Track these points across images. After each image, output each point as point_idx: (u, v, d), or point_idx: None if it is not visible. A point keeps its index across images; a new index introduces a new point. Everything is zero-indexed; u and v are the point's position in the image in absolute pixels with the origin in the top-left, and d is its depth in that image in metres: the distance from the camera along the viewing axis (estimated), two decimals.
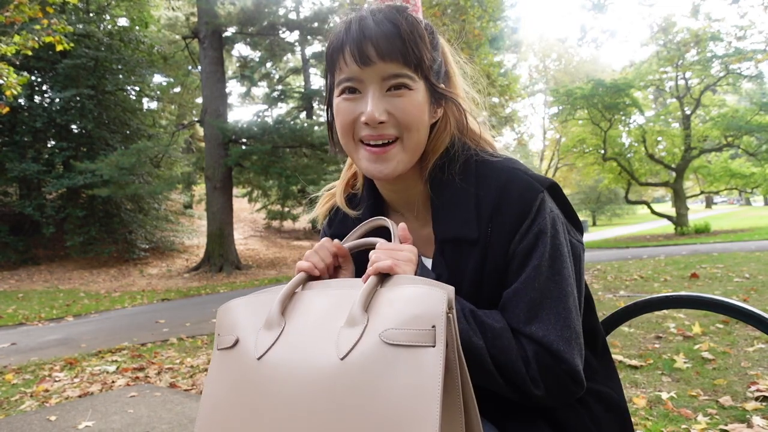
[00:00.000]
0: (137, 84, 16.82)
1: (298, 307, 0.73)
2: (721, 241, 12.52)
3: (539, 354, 0.74)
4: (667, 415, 2.32)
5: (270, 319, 0.72)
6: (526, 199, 0.78)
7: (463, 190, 0.82)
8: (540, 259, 0.76)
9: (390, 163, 0.81)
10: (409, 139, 0.81)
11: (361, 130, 0.81)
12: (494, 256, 0.79)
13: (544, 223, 0.77)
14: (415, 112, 0.80)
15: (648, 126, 16.94)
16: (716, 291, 5.32)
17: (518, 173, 0.81)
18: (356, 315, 0.66)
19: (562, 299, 0.76)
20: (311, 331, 0.68)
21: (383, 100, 0.79)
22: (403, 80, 0.79)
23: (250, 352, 0.70)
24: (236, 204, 16.65)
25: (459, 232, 0.81)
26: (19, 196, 15.31)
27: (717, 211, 35.87)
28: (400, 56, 0.77)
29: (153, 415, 2.86)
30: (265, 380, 0.67)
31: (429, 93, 0.83)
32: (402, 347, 0.60)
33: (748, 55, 14.04)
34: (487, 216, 0.79)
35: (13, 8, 6.74)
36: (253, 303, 0.77)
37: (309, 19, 16.13)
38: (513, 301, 0.77)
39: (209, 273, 13.47)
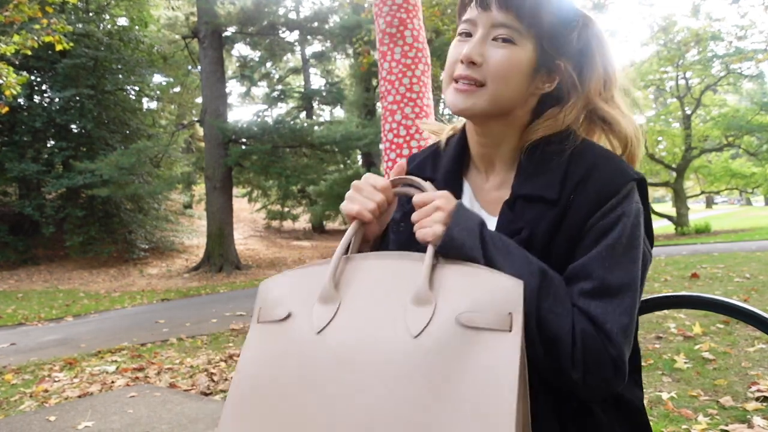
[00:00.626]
0: (137, 84, 16.81)
1: (353, 278, 0.71)
2: (721, 241, 12.52)
3: (588, 335, 0.70)
4: (668, 415, 2.32)
5: (325, 292, 0.70)
6: (617, 179, 0.77)
7: (555, 159, 0.81)
8: (616, 240, 0.74)
9: (468, 100, 0.80)
10: (495, 90, 0.79)
11: (457, 69, 0.81)
12: (571, 223, 0.77)
13: (629, 208, 0.76)
14: (508, 65, 0.78)
15: (648, 126, 16.93)
16: (717, 291, 5.32)
17: (613, 157, 0.81)
18: (422, 293, 0.66)
19: (628, 286, 0.73)
20: (373, 305, 0.67)
21: (485, 45, 0.79)
22: (509, 32, 0.78)
23: (305, 326, 0.68)
24: (236, 204, 16.65)
25: (539, 191, 0.79)
26: (19, 196, 15.31)
27: (717, 211, 35.86)
28: (514, 7, 0.77)
29: (153, 415, 2.85)
30: (327, 355, 0.65)
31: (538, 57, 0.81)
32: (479, 330, 0.61)
33: (749, 54, 14.03)
34: (572, 184, 0.78)
35: (13, 8, 6.74)
36: (300, 276, 0.75)
37: (309, 19, 16.14)
38: (579, 274, 0.74)
39: (209, 273, 13.46)
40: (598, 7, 9.38)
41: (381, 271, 0.71)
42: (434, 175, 0.92)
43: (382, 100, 4.08)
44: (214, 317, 6.61)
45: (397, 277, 0.69)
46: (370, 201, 0.80)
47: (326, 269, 0.72)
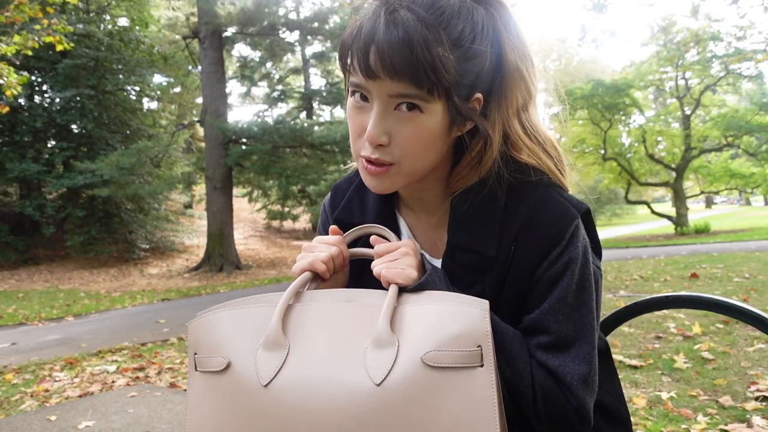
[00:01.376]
0: (137, 84, 16.82)
1: (303, 321, 0.64)
2: (721, 241, 12.52)
3: (549, 389, 0.70)
4: (667, 415, 2.32)
5: (270, 337, 0.62)
6: (561, 224, 0.72)
7: (489, 203, 0.75)
8: (566, 290, 0.71)
9: (384, 183, 0.73)
10: (408, 166, 0.72)
11: (362, 147, 0.72)
12: (516, 276, 0.73)
13: (575, 251, 0.72)
14: (421, 139, 0.69)
15: (648, 126, 16.94)
16: (716, 291, 5.32)
17: (554, 195, 0.74)
18: (383, 333, 0.59)
19: (584, 333, 0.72)
20: (327, 351, 0.60)
21: (388, 119, 0.69)
22: (413, 101, 0.67)
23: (250, 377, 0.60)
24: (236, 204, 16.65)
25: (475, 245, 0.74)
26: (19, 196, 15.31)
27: (717, 211, 35.86)
28: (409, 76, 0.65)
29: (153, 415, 2.86)
30: (277, 411, 0.58)
31: (450, 112, 0.70)
32: (448, 369, 0.57)
33: (748, 55, 14.03)
34: (512, 234, 0.73)
35: (14, 8, 6.74)
36: (237, 317, 0.66)
37: (309, 19, 16.13)
38: (534, 328, 0.72)
39: (209, 273, 13.47)
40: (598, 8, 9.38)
41: (335, 311, 0.64)
42: (364, 219, 0.84)
43: None
44: None
45: (354, 317, 0.63)
46: (322, 253, 0.74)
47: (267, 310, 0.65)
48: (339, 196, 0.91)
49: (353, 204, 0.87)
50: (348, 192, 0.89)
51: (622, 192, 19.71)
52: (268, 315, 0.65)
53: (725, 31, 15.05)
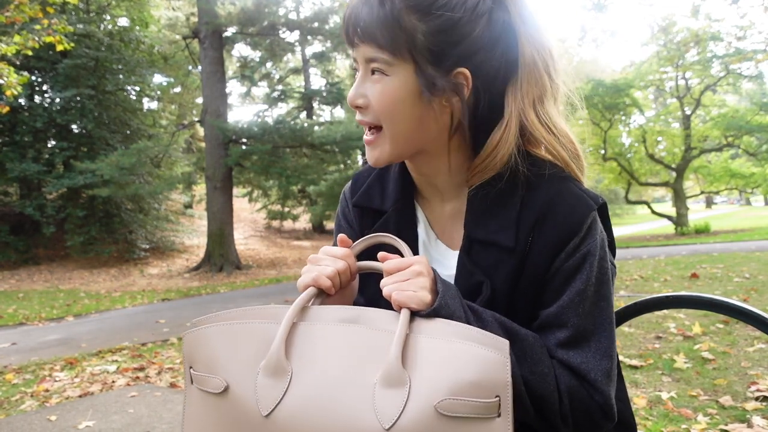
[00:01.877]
0: (137, 84, 16.82)
1: (307, 345, 0.60)
2: (721, 241, 12.52)
3: (574, 388, 0.69)
4: (667, 415, 2.32)
5: (271, 362, 0.58)
6: (578, 215, 0.71)
7: (506, 194, 0.75)
8: (585, 282, 0.70)
9: (375, 151, 0.77)
10: (389, 128, 0.74)
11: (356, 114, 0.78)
12: (534, 268, 0.72)
13: (593, 244, 0.71)
14: (386, 100, 0.72)
15: (648, 126, 16.94)
16: (716, 291, 5.32)
17: (571, 186, 0.74)
18: (394, 371, 0.56)
19: (604, 327, 0.71)
20: (333, 382, 0.57)
21: (365, 83, 0.75)
22: (378, 65, 0.72)
23: (250, 405, 0.57)
24: (236, 204, 16.65)
25: (494, 236, 0.74)
26: (20, 196, 15.31)
27: (717, 211, 35.86)
28: (370, 38, 0.71)
29: (153, 415, 2.86)
30: None
31: (420, 79, 0.71)
32: (462, 419, 0.54)
33: (748, 55, 14.03)
34: (529, 225, 0.72)
35: (14, 8, 6.74)
36: (236, 333, 0.62)
37: (309, 19, 16.13)
38: (553, 323, 0.71)
39: (209, 273, 13.47)
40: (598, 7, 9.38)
41: (341, 334, 0.60)
42: (383, 205, 0.85)
43: None
44: None
45: (362, 342, 0.59)
46: (327, 267, 0.71)
47: (268, 327, 0.61)
48: (360, 183, 0.91)
49: (373, 190, 0.88)
50: (369, 178, 0.90)
51: (622, 192, 19.72)
52: (269, 332, 0.61)
53: (725, 31, 15.06)
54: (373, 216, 0.87)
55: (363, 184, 0.90)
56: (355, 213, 0.90)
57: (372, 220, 0.87)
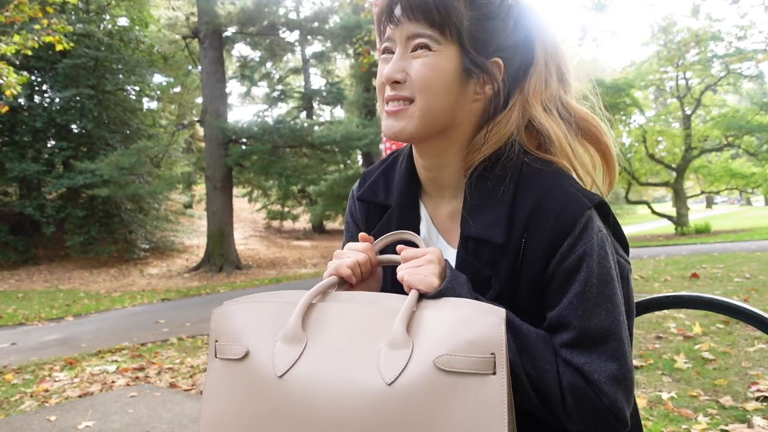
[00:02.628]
0: (137, 84, 16.82)
1: (323, 319, 0.65)
2: (721, 241, 12.52)
3: (577, 388, 0.68)
4: (668, 415, 2.32)
5: (289, 331, 0.64)
6: (570, 214, 0.71)
7: (500, 190, 0.76)
8: (584, 284, 0.69)
9: (399, 122, 0.77)
10: (423, 104, 0.75)
11: (386, 91, 0.78)
12: (530, 268, 0.73)
13: (590, 244, 0.70)
14: (429, 74, 0.74)
15: (648, 126, 16.94)
16: (716, 291, 5.32)
17: (565, 184, 0.74)
18: (399, 335, 0.60)
19: (610, 329, 0.69)
20: (343, 349, 0.62)
21: (405, 59, 0.76)
22: (424, 40, 0.74)
23: (266, 368, 0.62)
24: (236, 204, 16.66)
25: (484, 233, 0.75)
26: (19, 196, 15.31)
27: (717, 211, 35.87)
28: (422, 15, 0.74)
29: (153, 415, 2.86)
30: (290, 402, 0.60)
31: (463, 60, 0.75)
32: (460, 374, 0.57)
33: (749, 55, 14.02)
34: (521, 223, 0.73)
35: (13, 8, 6.74)
36: (259, 310, 0.68)
37: (309, 19, 16.14)
38: (557, 325, 0.71)
39: (209, 273, 13.47)
40: (599, 7, 9.37)
41: (355, 313, 0.65)
42: (388, 200, 0.87)
43: None
44: None
45: (373, 319, 0.64)
46: (348, 258, 0.76)
47: (289, 306, 0.67)
48: (366, 179, 0.94)
49: (378, 185, 0.90)
50: (375, 173, 0.93)
51: (622, 192, 19.72)
52: (290, 310, 0.66)
53: (726, 31, 15.04)
54: (378, 211, 0.89)
55: (369, 181, 0.92)
56: (360, 208, 0.92)
57: (377, 215, 0.88)
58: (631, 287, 0.77)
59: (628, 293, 0.75)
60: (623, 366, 0.69)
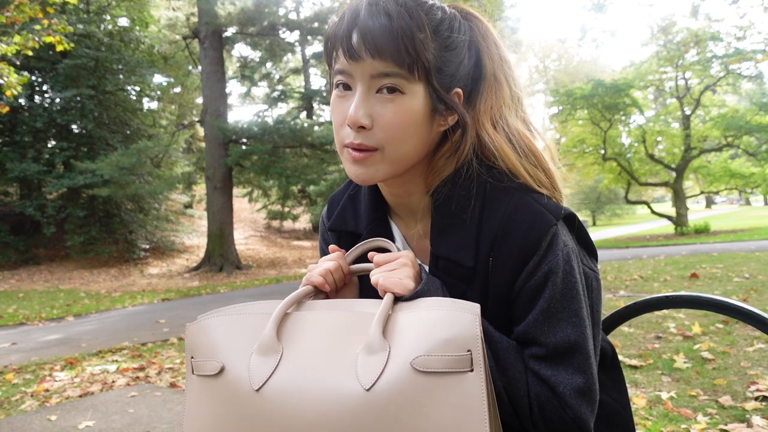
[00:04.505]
0: (137, 84, 16.83)
1: (297, 328, 0.64)
2: (720, 241, 12.53)
3: (544, 398, 0.69)
4: (667, 415, 2.32)
5: (264, 343, 0.63)
6: (536, 232, 0.70)
7: (466, 211, 0.74)
8: (549, 301, 0.69)
9: (369, 169, 0.72)
10: (393, 151, 0.71)
11: (346, 136, 0.72)
12: (497, 288, 0.73)
13: (555, 261, 0.70)
14: (403, 121, 0.70)
15: (648, 126, 16.93)
16: (716, 291, 5.33)
17: (530, 201, 0.72)
18: (375, 340, 0.60)
19: (575, 344, 0.69)
20: (319, 357, 0.61)
21: (370, 101, 0.70)
22: (394, 80, 0.68)
23: (243, 382, 0.61)
24: (236, 204, 16.66)
25: (454, 254, 0.74)
26: (20, 196, 15.32)
27: (717, 211, 35.86)
28: (389, 54, 0.67)
29: (153, 415, 2.86)
30: (268, 415, 0.59)
31: (431, 97, 0.71)
32: (438, 374, 0.56)
33: (748, 55, 14.03)
34: (488, 244, 0.72)
35: (14, 8, 6.75)
36: (233, 323, 0.67)
37: (309, 19, 16.14)
38: (524, 340, 0.72)
39: (209, 273, 13.47)
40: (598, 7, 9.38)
41: (330, 319, 0.65)
42: (357, 227, 0.86)
43: None
44: None
45: (349, 324, 0.63)
46: (319, 268, 0.76)
47: (263, 317, 0.66)
48: (334, 206, 0.92)
49: (346, 212, 0.88)
50: (342, 200, 0.91)
51: (622, 192, 19.72)
52: (265, 321, 0.65)
53: (725, 31, 15.06)
54: (350, 238, 0.87)
55: (336, 209, 0.90)
56: (332, 237, 0.91)
57: (349, 242, 0.87)
58: (598, 296, 0.77)
59: (593, 302, 0.75)
60: (588, 379, 0.69)
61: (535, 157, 0.77)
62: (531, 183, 0.75)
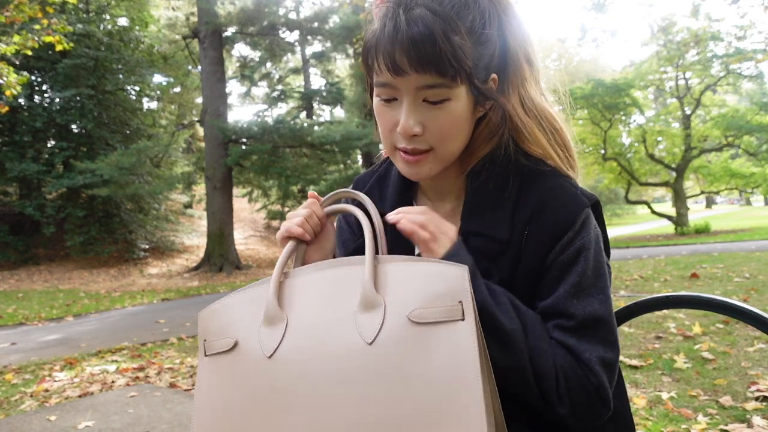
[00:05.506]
0: (137, 84, 16.82)
1: (296, 294, 0.69)
2: (721, 241, 12.52)
3: (569, 367, 0.70)
4: (667, 415, 2.32)
5: (269, 313, 0.68)
6: (571, 210, 0.73)
7: (502, 191, 0.77)
8: (581, 275, 0.72)
9: (422, 169, 0.77)
10: (444, 150, 0.76)
11: (397, 140, 0.77)
12: (529, 260, 0.74)
13: (587, 238, 0.73)
14: (452, 124, 0.74)
15: (648, 126, 16.93)
16: (716, 291, 5.32)
17: (565, 184, 0.77)
18: (370, 297, 0.64)
19: (601, 318, 0.72)
20: (321, 319, 0.66)
21: (419, 110, 0.73)
22: (440, 91, 0.72)
23: (256, 352, 0.66)
24: (236, 204, 16.65)
25: (487, 229, 0.76)
26: (19, 196, 15.31)
27: (717, 211, 35.86)
28: (434, 67, 0.69)
29: (153, 415, 2.86)
30: (282, 378, 0.64)
31: (474, 93, 0.75)
32: (432, 325, 0.61)
33: (749, 55, 14.02)
34: (524, 219, 0.75)
35: (13, 8, 6.75)
36: (240, 301, 0.72)
37: (309, 19, 16.14)
38: (550, 313, 0.73)
39: (209, 273, 13.47)
40: (598, 7, 9.38)
41: (322, 281, 0.69)
42: (383, 204, 0.88)
43: None
44: None
45: (340, 284, 0.67)
46: (295, 218, 0.78)
47: (266, 290, 0.70)
48: (359, 187, 0.94)
49: (373, 193, 0.91)
50: (369, 182, 0.93)
51: (622, 192, 19.73)
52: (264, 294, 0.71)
53: (725, 31, 15.04)
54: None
55: (363, 188, 0.93)
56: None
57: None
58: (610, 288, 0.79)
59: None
60: (614, 352, 0.72)
61: (559, 136, 0.80)
62: (561, 166, 0.79)
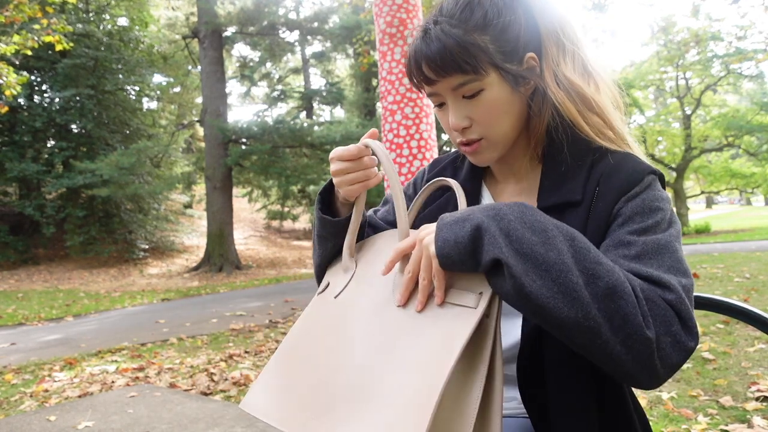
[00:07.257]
0: (137, 84, 16.81)
1: (373, 251, 0.85)
2: (721, 241, 12.52)
3: (643, 286, 0.64)
4: (668, 415, 2.32)
5: (344, 263, 0.86)
6: (640, 170, 0.77)
7: (576, 166, 0.81)
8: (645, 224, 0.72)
9: (482, 155, 0.85)
10: (494, 135, 0.82)
11: (456, 136, 0.85)
12: (597, 214, 0.76)
13: (653, 195, 0.75)
14: (492, 111, 0.80)
15: (648, 126, 16.94)
16: (716, 291, 5.32)
17: (631, 154, 0.81)
18: None
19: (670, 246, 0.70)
20: (374, 277, 0.79)
21: (461, 106, 0.81)
22: (471, 86, 0.78)
23: (332, 293, 0.84)
24: (236, 204, 16.66)
25: (563, 197, 0.79)
26: (19, 196, 15.31)
27: (717, 211, 35.86)
28: (454, 69, 0.77)
29: (153, 415, 2.85)
30: (339, 316, 0.79)
31: (508, 78, 0.79)
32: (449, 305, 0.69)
33: (749, 55, 14.02)
34: (594, 181, 0.78)
35: (13, 8, 6.74)
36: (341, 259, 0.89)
37: (309, 19, 16.15)
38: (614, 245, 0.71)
39: (209, 273, 13.47)
40: (598, 7, 9.37)
41: (387, 245, 0.83)
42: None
43: (382, 100, 4.08)
44: (214, 317, 6.62)
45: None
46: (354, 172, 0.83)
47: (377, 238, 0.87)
48: (435, 166, 1.03)
49: (446, 172, 0.99)
50: (444, 162, 1.01)
51: None
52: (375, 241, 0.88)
53: (726, 31, 15.05)
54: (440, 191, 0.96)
55: (438, 167, 1.02)
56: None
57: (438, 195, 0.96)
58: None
59: None
60: (688, 280, 0.68)
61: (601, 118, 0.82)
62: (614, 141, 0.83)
